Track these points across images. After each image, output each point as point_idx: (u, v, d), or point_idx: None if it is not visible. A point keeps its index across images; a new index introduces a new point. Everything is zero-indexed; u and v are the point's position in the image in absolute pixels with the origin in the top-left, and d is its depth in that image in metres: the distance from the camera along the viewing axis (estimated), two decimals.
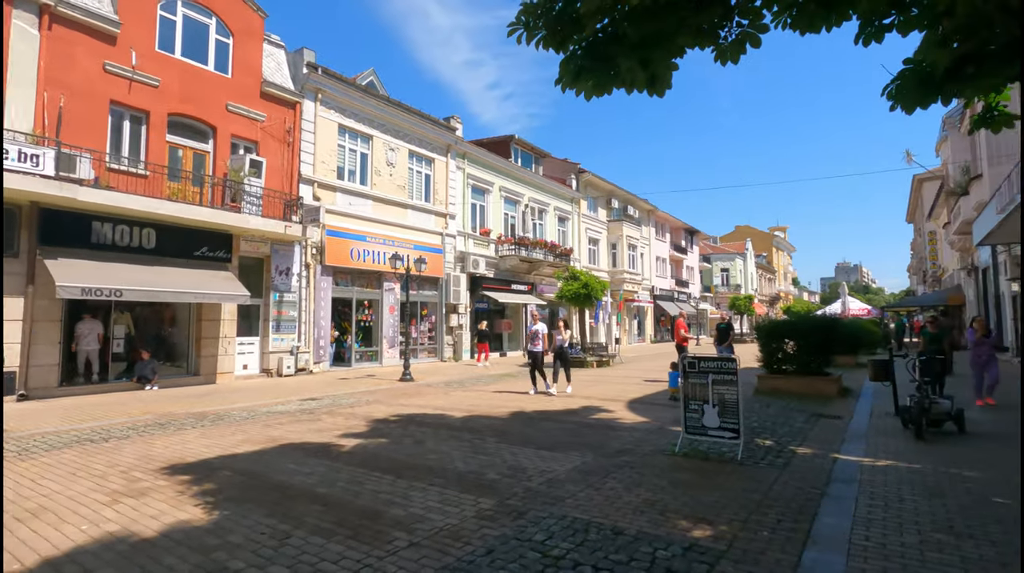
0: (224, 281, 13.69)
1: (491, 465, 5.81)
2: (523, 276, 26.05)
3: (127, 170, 12.82)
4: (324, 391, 12.51)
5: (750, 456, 6.11)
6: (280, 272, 15.90)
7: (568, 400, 10.74)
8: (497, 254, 24.54)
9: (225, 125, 14.89)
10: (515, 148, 27.63)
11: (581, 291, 18.90)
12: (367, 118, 18.89)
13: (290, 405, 10.40)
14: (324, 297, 17.11)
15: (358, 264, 17.97)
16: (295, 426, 8.16)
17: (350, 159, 18.50)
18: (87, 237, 11.92)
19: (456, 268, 22.23)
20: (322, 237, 17.00)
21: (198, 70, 14.41)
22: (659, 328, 42.64)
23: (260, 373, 15.56)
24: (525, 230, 26.40)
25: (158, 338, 14.32)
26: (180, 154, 14.20)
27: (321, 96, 17.27)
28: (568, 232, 30.80)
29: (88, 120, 12.28)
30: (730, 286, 63.67)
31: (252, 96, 15.58)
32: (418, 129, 20.74)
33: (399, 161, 20.08)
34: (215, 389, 12.98)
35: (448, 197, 22.07)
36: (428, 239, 20.85)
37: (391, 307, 19.39)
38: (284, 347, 15.96)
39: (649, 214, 41.24)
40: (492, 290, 23.69)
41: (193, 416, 9.18)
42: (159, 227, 13.02)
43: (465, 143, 23.07)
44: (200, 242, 13.85)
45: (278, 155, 16.10)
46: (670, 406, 9.81)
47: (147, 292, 11.79)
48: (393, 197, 19.60)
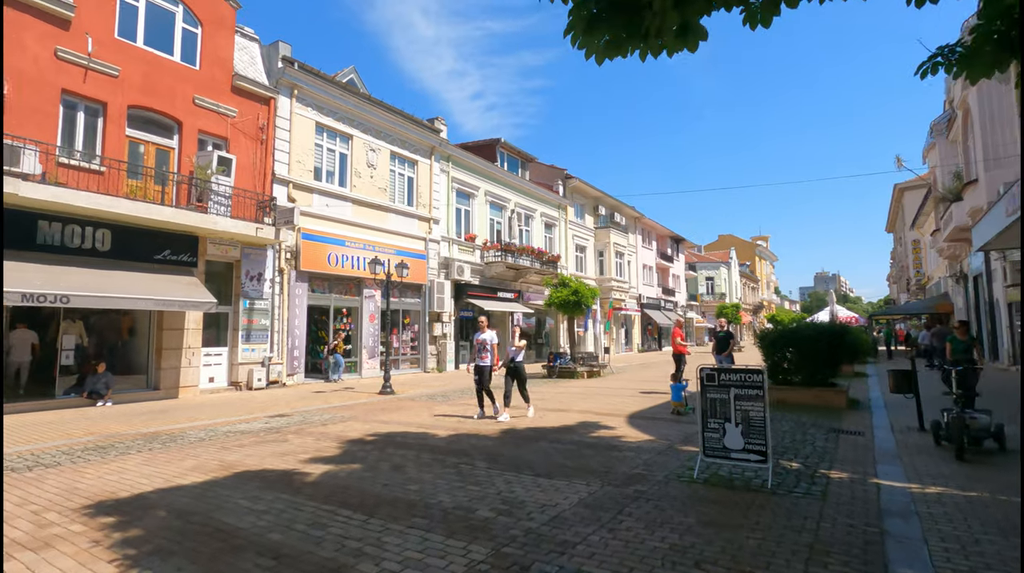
0: (188, 287, 12.62)
1: (482, 498, 4.93)
2: (509, 283, 25.22)
3: (81, 165, 11.74)
4: (296, 406, 11.49)
5: (780, 483, 5.32)
6: (251, 278, 14.84)
7: (563, 415, 9.88)
8: (483, 261, 23.69)
9: (192, 120, 13.88)
10: (501, 152, 26.90)
11: (571, 298, 18.13)
12: (346, 116, 17.98)
13: (255, 423, 9.39)
14: (299, 304, 16.07)
15: (336, 270, 16.98)
16: (256, 449, 7.18)
17: (328, 159, 17.56)
18: (32, 238, 10.80)
19: (440, 275, 21.32)
20: (297, 241, 16.00)
21: (162, 60, 13.40)
22: (646, 337, 42.06)
23: (228, 386, 14.44)
24: (512, 236, 25.61)
25: (114, 349, 13.16)
26: (142, 150, 13.14)
27: (297, 92, 16.34)
28: (555, 239, 30.10)
29: (37, 110, 11.20)
30: (715, 295, 63.65)
31: (222, 90, 14.60)
32: (400, 130, 19.88)
33: (380, 162, 19.18)
34: (176, 405, 11.87)
35: (432, 201, 21.20)
36: (411, 244, 19.93)
37: (371, 315, 18.40)
38: (255, 358, 14.87)
39: (636, 221, 40.79)
40: (478, 298, 22.80)
41: (143, 437, 8.13)
42: (115, 228, 11.94)
43: (450, 145, 22.26)
44: (162, 245, 12.78)
45: (250, 153, 15.11)
46: (674, 421, 9.02)
47: (98, 298, 10.69)
48: (374, 200, 18.68)
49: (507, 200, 26.02)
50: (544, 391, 14.13)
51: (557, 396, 12.94)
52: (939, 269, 30.81)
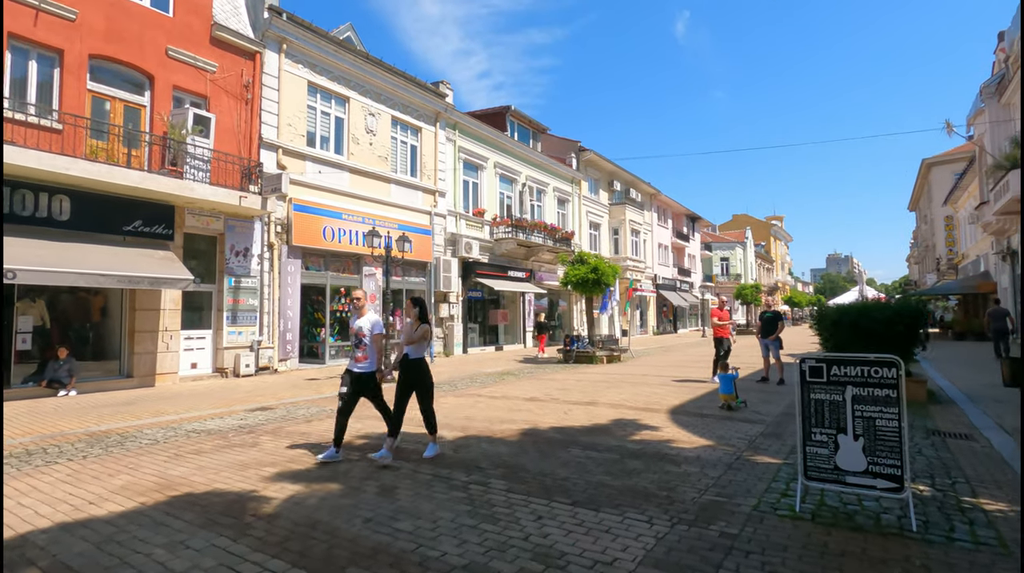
0: (161, 262, 11.16)
1: (504, 547, 3.43)
2: (520, 262, 23.64)
3: (31, 122, 10.22)
4: (282, 397, 10.08)
5: (924, 521, 3.78)
6: (236, 253, 13.36)
7: (591, 411, 8.37)
8: (492, 237, 22.09)
9: (165, 74, 12.28)
10: (512, 121, 25.12)
11: (590, 277, 16.53)
12: (343, 76, 16.30)
13: (230, 418, 7.97)
14: (292, 283, 14.61)
15: (332, 245, 15.47)
16: (216, 457, 5.73)
17: (322, 123, 15.93)
18: None
19: (447, 252, 19.77)
20: (288, 212, 14.47)
21: (129, 4, 11.78)
22: (662, 319, 40.44)
23: (213, 373, 13.07)
24: (523, 211, 23.94)
25: (83, 333, 11.79)
26: (107, 107, 11.59)
27: (286, 47, 14.67)
28: (568, 215, 28.40)
29: None
30: (730, 276, 61.83)
31: (200, 41, 12.97)
32: (403, 93, 18.17)
33: (380, 128, 17.53)
34: (148, 394, 10.50)
35: (437, 172, 19.56)
36: (415, 218, 18.36)
37: (372, 295, 16.91)
38: (242, 342, 13.47)
39: (651, 198, 38.90)
40: (487, 277, 21.27)
41: (88, 438, 6.72)
42: (76, 195, 10.45)
43: (456, 112, 20.53)
44: (132, 215, 11.30)
45: (233, 114, 13.51)
46: (727, 418, 7.49)
47: (50, 274, 9.25)
48: (374, 169, 17.08)
49: (518, 173, 24.31)
50: (563, 379, 12.63)
51: (579, 385, 11.45)
52: (978, 246, 28.84)
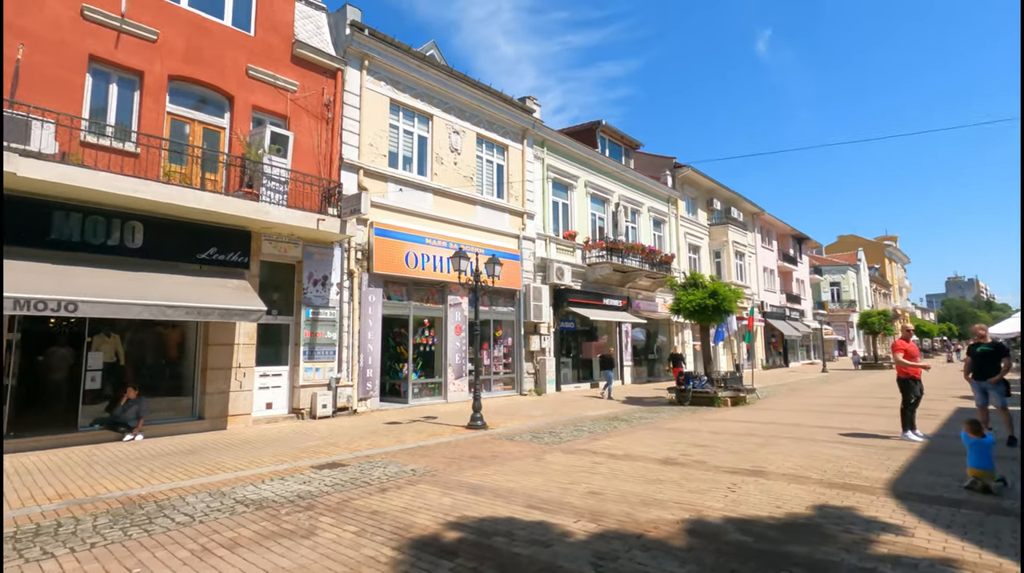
0: (233, 292, 10.15)
1: None
2: (616, 289, 21.39)
3: (111, 146, 9.67)
4: (358, 446, 8.50)
5: None
6: (314, 282, 12.29)
7: (767, 487, 6.01)
8: (585, 262, 20.10)
9: (245, 94, 11.63)
10: (602, 137, 23.31)
11: (708, 302, 14.00)
12: (426, 93, 15.27)
13: (290, 481, 6.40)
14: (372, 314, 13.34)
15: (415, 272, 14.14)
16: (250, 559, 4.05)
17: (405, 142, 14.88)
18: (45, 232, 8.71)
19: (536, 278, 17.99)
20: (369, 237, 13.33)
21: (210, 24, 11.27)
22: (770, 351, 36.14)
23: (289, 414, 11.88)
24: (617, 234, 21.80)
25: (157, 370, 11.00)
26: (187, 130, 11.01)
27: (368, 63, 13.82)
28: (665, 237, 25.87)
29: (56, 79, 9.24)
30: (842, 302, 55.54)
31: (281, 60, 12.31)
32: (488, 109, 16.92)
33: (465, 147, 16.29)
34: (215, 440, 9.32)
35: (525, 192, 18.00)
36: (502, 242, 16.80)
37: (457, 327, 15.38)
38: (320, 379, 12.24)
39: (754, 217, 35.35)
40: (580, 305, 19.21)
41: (119, 508, 5.34)
42: (149, 221, 9.71)
43: (545, 128, 19.02)
44: (206, 241, 10.45)
45: (313, 134, 12.67)
46: (998, 508, 4.88)
47: (113, 305, 8.34)
48: (458, 190, 15.77)
49: (610, 192, 22.31)
50: (692, 429, 10.19)
51: (718, 439, 9.00)
52: None
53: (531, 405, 14.52)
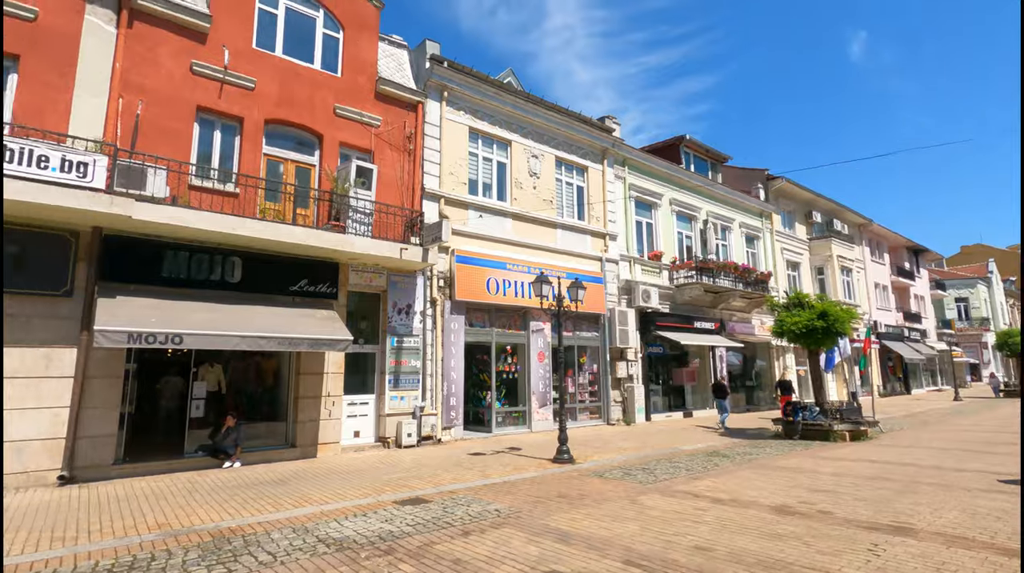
0: (322, 322, 10.41)
1: None
2: (707, 311, 20.08)
3: (214, 188, 10.36)
4: (441, 480, 8.23)
5: None
6: (398, 310, 12.42)
7: (916, 547, 5.00)
8: (672, 283, 19.08)
9: (333, 132, 12.15)
10: (686, 152, 22.32)
11: (816, 324, 12.60)
12: (503, 119, 15.30)
13: (372, 518, 6.20)
14: (455, 341, 13.26)
15: (497, 298, 13.96)
16: None
17: (484, 169, 14.93)
18: (157, 270, 9.40)
19: (621, 302, 17.24)
20: (451, 265, 13.35)
21: (301, 69, 11.94)
22: (888, 376, 32.42)
23: (375, 442, 11.94)
24: (707, 252, 20.58)
25: (255, 398, 11.48)
26: (281, 169, 11.63)
27: (448, 94, 14.06)
28: (759, 254, 24.13)
29: (170, 130, 10.07)
30: (972, 320, 49.21)
31: (365, 97, 12.79)
32: (566, 131, 16.68)
33: (544, 170, 16.09)
34: (305, 469, 9.45)
35: (607, 213, 17.45)
36: (584, 265, 16.29)
37: (540, 353, 14.96)
38: (404, 408, 12.24)
39: (861, 229, 32.28)
40: (669, 329, 18.16)
41: (208, 541, 5.36)
42: (247, 256, 10.25)
43: (625, 146, 18.46)
44: (298, 274, 10.87)
45: (396, 166, 12.99)
46: None
47: (213, 338, 8.75)
48: (538, 214, 15.54)
49: (697, 209, 21.19)
50: (807, 470, 9.01)
51: (842, 484, 7.83)
52: None
53: (620, 436, 13.71)
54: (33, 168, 7.81)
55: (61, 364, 8.48)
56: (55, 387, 8.40)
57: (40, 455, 8.20)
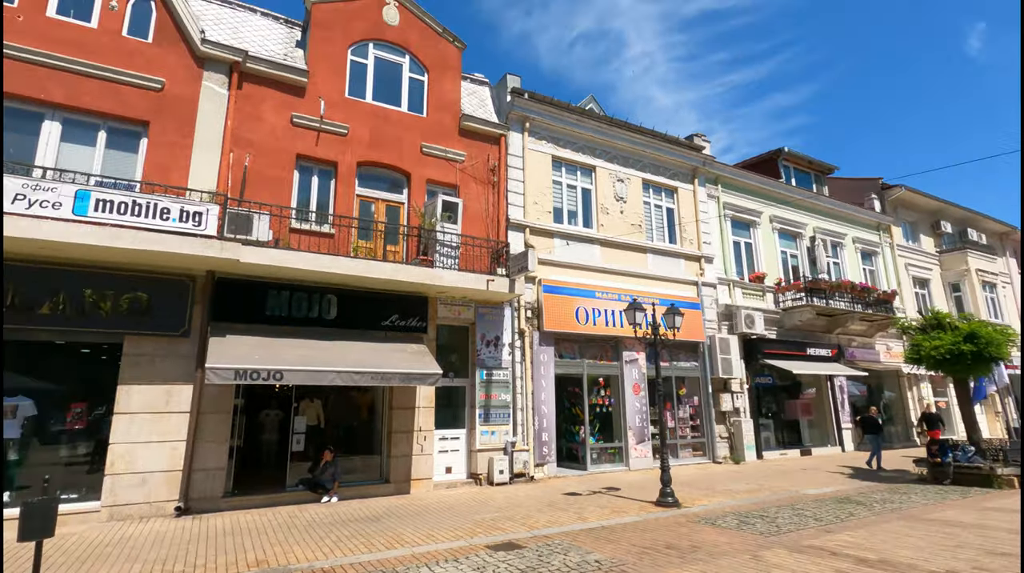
0: (411, 357, 10.45)
1: None
2: (821, 335, 18.19)
3: (311, 229, 10.91)
4: (535, 522, 7.74)
5: None
6: (487, 343, 12.27)
7: None
8: (778, 306, 17.52)
9: (420, 170, 12.48)
10: (785, 166, 20.79)
11: (963, 348, 10.82)
12: (586, 145, 15.05)
13: (464, 564, 5.85)
14: (545, 373, 12.85)
15: (587, 328, 13.43)
16: None
17: (568, 197, 14.67)
18: (262, 309, 9.93)
19: (722, 328, 16.03)
20: (538, 295, 13.06)
21: (390, 112, 12.45)
22: None
23: (467, 479, 11.68)
24: (817, 271, 18.79)
25: (352, 432, 11.69)
26: (373, 208, 12.06)
27: (529, 125, 14.08)
28: (878, 271, 21.69)
29: (273, 178, 10.79)
30: None
31: (449, 135, 13.09)
32: (652, 152, 16.10)
33: (631, 194, 15.55)
34: (399, 506, 9.34)
35: (700, 235, 16.48)
36: (678, 291, 15.37)
37: (635, 385, 14.13)
38: (496, 443, 11.93)
39: (1003, 238, 28.23)
40: (777, 357, 16.59)
41: None
42: (341, 294, 10.60)
43: (717, 163, 17.50)
44: (389, 309, 11.07)
45: (480, 199, 13.07)
46: None
47: (309, 373, 9.00)
48: (627, 239, 14.95)
49: (801, 225, 19.52)
50: (974, 525, 7.52)
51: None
52: None
53: (729, 476, 12.46)
54: (157, 220, 8.57)
55: (179, 400, 9.08)
56: (174, 422, 8.98)
57: (161, 486, 8.73)
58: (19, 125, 9.21)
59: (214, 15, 11.68)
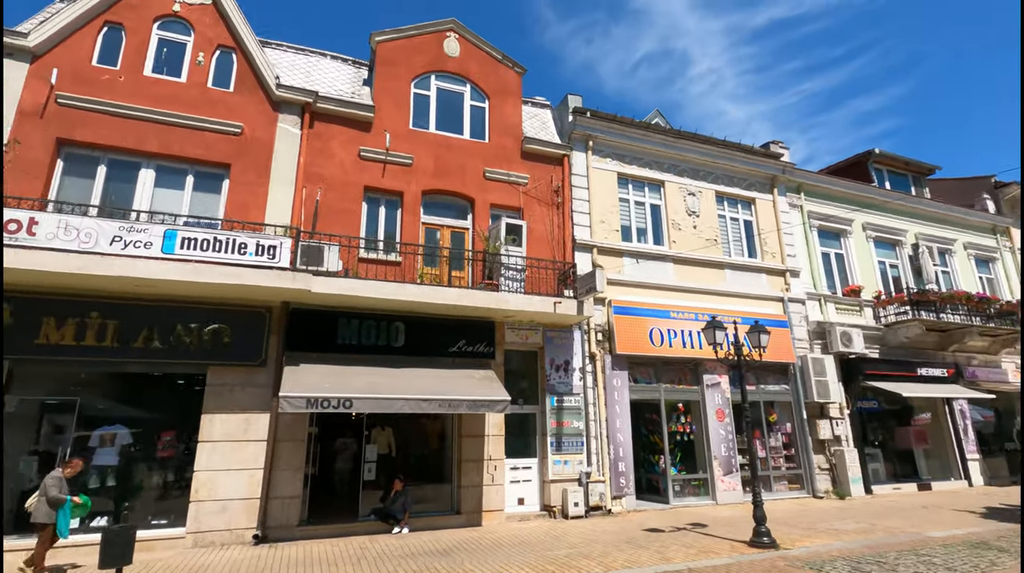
0: (479, 383, 10.23)
1: None
2: (933, 353, 16.23)
3: (379, 258, 11.09)
4: (614, 560, 7.14)
5: None
6: (556, 367, 11.84)
7: None
8: (879, 321, 15.85)
9: (483, 195, 12.47)
10: (876, 169, 19.09)
11: None
12: (653, 160, 14.51)
13: None
14: (619, 399, 12.20)
15: (662, 350, 12.68)
16: None
17: (637, 214, 14.12)
18: (333, 338, 10.11)
19: (814, 347, 14.66)
20: (608, 316, 12.53)
21: (452, 141, 12.59)
22: None
23: (540, 511, 11.17)
24: (923, 282, 16.91)
25: (422, 461, 11.56)
26: (438, 235, 12.13)
27: (593, 143, 13.78)
28: (998, 279, 19.21)
29: (343, 210, 11.13)
30: None
31: (512, 158, 13.03)
32: (725, 163, 15.26)
33: (703, 208, 14.76)
34: (468, 539, 9.01)
35: (783, 247, 15.32)
36: (761, 308, 14.27)
37: (719, 411, 13.11)
38: (569, 473, 11.37)
39: None
40: (882, 378, 14.90)
41: None
42: (409, 321, 10.62)
43: (798, 171, 16.33)
44: (456, 335, 10.96)
45: (545, 220, 12.84)
46: None
47: (376, 401, 8.98)
48: (701, 255, 14.12)
49: (901, 232, 17.72)
50: None
51: None
52: None
53: (833, 513, 11.13)
54: (235, 254, 8.98)
55: (257, 428, 9.33)
56: (252, 450, 9.22)
57: (240, 514, 8.93)
58: (120, 174, 10.09)
59: (288, 61, 12.42)
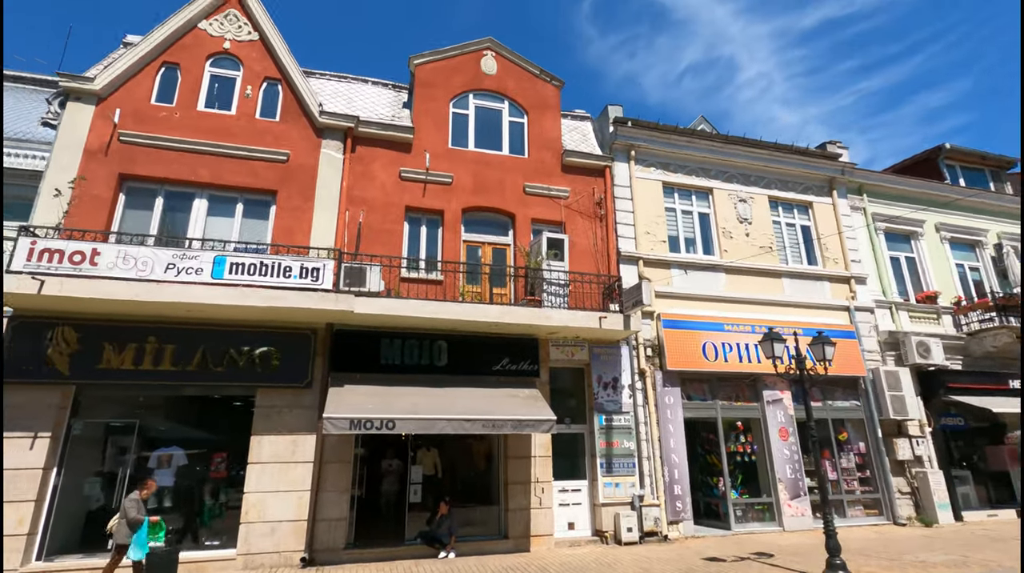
0: (524, 402, 9.94)
1: None
2: None
3: (420, 277, 11.09)
4: None
5: None
6: (604, 385, 11.41)
7: None
8: (960, 330, 14.52)
9: (524, 210, 12.31)
10: (948, 165, 17.71)
11: None
12: (700, 167, 13.97)
13: None
14: (672, 418, 11.60)
15: (717, 365, 12.02)
16: None
17: (684, 223, 13.58)
18: (376, 358, 10.11)
19: (887, 359, 13.55)
20: (658, 331, 12.01)
21: (491, 158, 12.55)
22: None
23: (592, 536, 10.68)
24: (1010, 285, 15.42)
25: (469, 483, 11.33)
26: (479, 252, 12.04)
27: (635, 153, 13.42)
28: None
29: (384, 231, 11.22)
30: None
31: (552, 172, 12.85)
32: (778, 166, 14.52)
33: (756, 214, 14.04)
34: (516, 564, 8.67)
35: (846, 252, 14.34)
36: (824, 318, 13.34)
37: (782, 429, 12.26)
38: (621, 496, 10.84)
39: None
40: (967, 392, 13.57)
41: None
42: (451, 339, 10.51)
43: (858, 171, 15.34)
44: (500, 353, 10.75)
45: (588, 233, 12.53)
46: None
47: (419, 421, 8.84)
48: (755, 264, 13.39)
49: (980, 231, 16.29)
50: None
51: None
52: None
53: (918, 543, 10.08)
54: (280, 278, 9.15)
55: (304, 450, 9.38)
56: (300, 472, 9.26)
57: (289, 536, 8.95)
58: (176, 204, 10.57)
59: (331, 89, 12.78)
